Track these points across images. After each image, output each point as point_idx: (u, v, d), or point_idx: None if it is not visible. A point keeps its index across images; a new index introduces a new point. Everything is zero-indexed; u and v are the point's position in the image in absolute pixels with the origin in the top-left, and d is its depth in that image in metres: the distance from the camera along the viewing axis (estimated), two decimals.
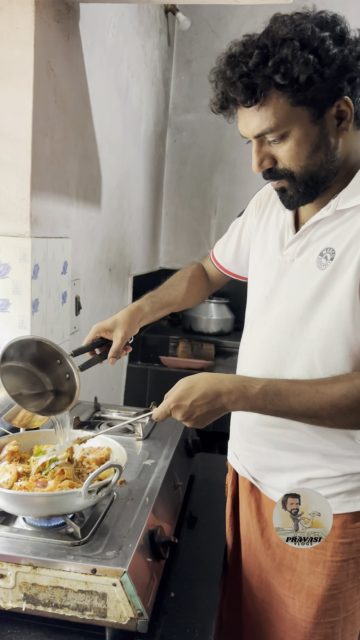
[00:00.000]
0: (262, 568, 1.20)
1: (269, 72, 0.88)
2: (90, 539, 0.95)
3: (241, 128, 0.99)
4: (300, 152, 0.95)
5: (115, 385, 2.60)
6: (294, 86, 0.88)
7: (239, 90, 0.90)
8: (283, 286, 1.09)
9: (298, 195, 1.01)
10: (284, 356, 1.07)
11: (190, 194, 3.51)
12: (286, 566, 1.15)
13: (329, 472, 1.09)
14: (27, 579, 0.89)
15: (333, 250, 1.00)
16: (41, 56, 1.40)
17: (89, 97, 1.81)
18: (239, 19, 3.26)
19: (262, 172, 1.02)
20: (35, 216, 1.45)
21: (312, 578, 1.11)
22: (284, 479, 1.13)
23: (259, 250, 1.20)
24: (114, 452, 1.10)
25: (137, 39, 2.44)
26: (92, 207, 1.97)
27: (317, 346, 1.02)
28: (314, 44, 0.87)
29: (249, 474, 1.23)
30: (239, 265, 1.36)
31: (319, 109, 0.92)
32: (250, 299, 1.22)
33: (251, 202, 1.29)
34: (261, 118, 0.93)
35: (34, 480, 0.98)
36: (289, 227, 1.11)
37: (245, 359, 1.19)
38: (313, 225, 1.04)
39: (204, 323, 3.10)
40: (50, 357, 1.14)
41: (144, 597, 0.89)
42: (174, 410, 1.00)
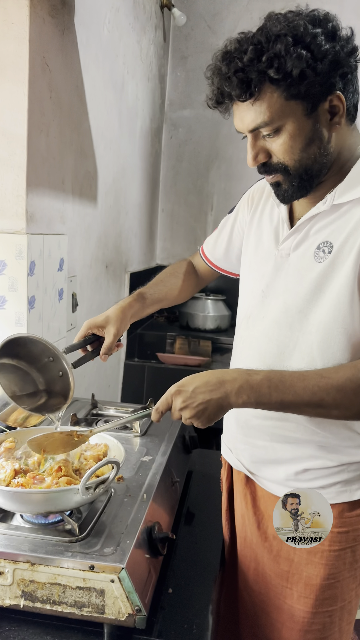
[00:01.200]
0: (259, 560, 1.21)
1: (263, 67, 0.90)
2: (88, 535, 0.94)
3: (236, 123, 1.00)
4: (294, 146, 0.96)
5: (113, 382, 2.59)
6: (288, 80, 0.90)
7: (234, 85, 0.92)
8: (280, 280, 1.10)
9: (292, 189, 1.02)
10: (283, 349, 1.08)
11: (187, 190, 3.50)
12: (283, 557, 1.16)
13: (325, 463, 1.10)
14: (25, 576, 0.89)
15: (331, 243, 1.01)
16: (36, 51, 1.40)
17: (84, 92, 1.80)
18: (234, 15, 3.25)
19: (257, 167, 1.03)
20: (31, 213, 1.45)
21: (309, 568, 1.13)
22: (281, 471, 1.14)
23: (253, 246, 1.21)
24: (111, 448, 1.10)
25: (133, 34, 2.43)
26: (88, 203, 1.96)
27: (316, 338, 1.03)
28: (306, 40, 0.89)
29: (245, 467, 1.23)
30: (229, 262, 1.38)
31: (312, 103, 0.94)
32: (244, 294, 1.23)
33: (242, 199, 1.30)
34: (256, 112, 0.95)
35: (31, 477, 0.98)
36: (284, 222, 1.12)
37: (242, 352, 1.20)
38: (309, 220, 1.05)
39: (201, 319, 3.10)
40: (43, 355, 1.13)
41: (142, 593, 0.89)
42: (175, 396, 0.98)
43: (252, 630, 1.24)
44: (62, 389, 1.13)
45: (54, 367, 1.14)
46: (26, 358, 1.13)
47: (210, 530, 1.31)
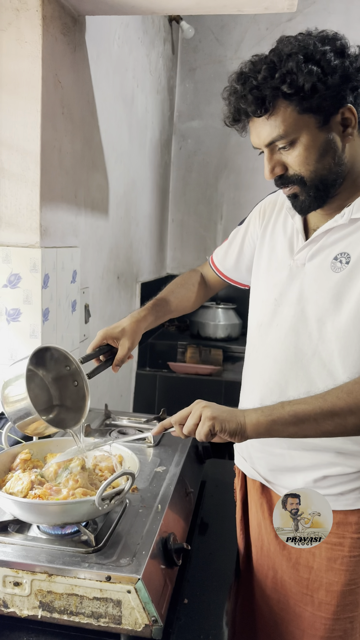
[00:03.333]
0: (277, 569, 1.21)
1: (277, 84, 0.95)
2: (104, 546, 0.95)
3: (253, 139, 1.05)
4: (309, 157, 1.00)
5: (125, 391, 2.61)
6: (300, 94, 0.95)
7: (250, 102, 0.98)
8: (294, 289, 1.13)
9: (309, 200, 1.05)
10: (301, 357, 1.10)
11: (196, 200, 3.53)
12: (303, 565, 1.16)
13: (344, 470, 1.11)
14: (42, 587, 0.90)
15: (348, 254, 1.05)
16: (48, 69, 1.43)
17: (95, 107, 1.83)
18: (242, 27, 3.29)
19: (274, 180, 1.07)
20: (45, 227, 1.47)
21: (330, 574, 1.13)
22: (299, 479, 1.15)
23: (266, 257, 1.23)
24: (125, 459, 1.11)
25: (142, 48, 2.47)
26: (100, 216, 1.98)
27: (337, 346, 1.05)
28: (316, 57, 0.94)
29: (261, 476, 1.24)
30: (239, 272, 1.40)
31: (324, 116, 0.98)
32: (255, 303, 1.25)
33: (253, 211, 1.33)
34: (271, 127, 0.99)
35: (48, 488, 0.99)
36: (299, 233, 1.15)
37: (256, 360, 1.21)
38: (325, 232, 1.08)
39: (212, 328, 3.11)
40: (60, 365, 1.15)
41: (158, 603, 0.89)
42: (199, 402, 1.00)
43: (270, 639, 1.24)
44: (76, 402, 1.15)
45: (70, 377, 1.15)
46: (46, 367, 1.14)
47: (225, 541, 1.31)
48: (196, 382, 2.72)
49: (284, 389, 1.13)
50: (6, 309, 1.45)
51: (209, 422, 0.95)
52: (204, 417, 0.96)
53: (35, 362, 1.11)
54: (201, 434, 0.96)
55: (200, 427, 0.96)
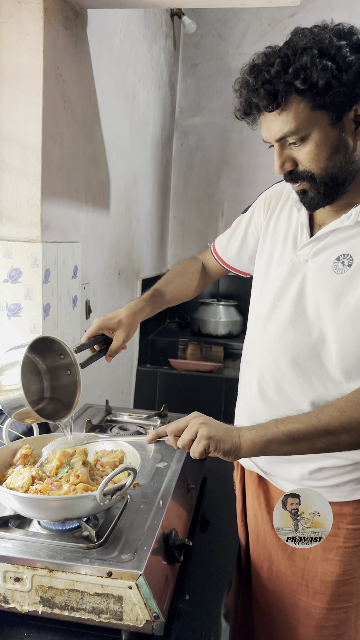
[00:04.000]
0: (272, 559, 1.22)
1: (290, 79, 0.93)
2: (105, 542, 0.95)
3: (263, 133, 1.03)
4: (320, 154, 0.99)
5: (125, 388, 2.60)
6: (313, 91, 0.93)
7: (262, 96, 0.95)
8: (295, 284, 1.12)
9: (319, 197, 1.04)
10: (298, 352, 1.10)
11: (198, 197, 3.52)
12: (298, 555, 1.17)
13: (339, 462, 1.11)
14: (43, 582, 0.89)
15: (351, 257, 1.04)
16: (50, 62, 1.42)
17: (97, 102, 1.82)
18: (244, 22, 3.27)
19: (283, 175, 1.05)
20: (45, 221, 1.46)
21: (325, 565, 1.14)
22: (295, 470, 1.15)
23: (269, 249, 1.22)
24: (127, 455, 1.11)
25: (144, 43, 2.45)
26: (101, 211, 1.98)
27: (335, 347, 1.05)
28: (331, 52, 0.92)
29: (258, 467, 1.24)
30: (241, 261, 1.39)
31: (337, 113, 0.96)
32: (255, 296, 1.25)
33: (258, 200, 1.31)
34: (282, 122, 0.97)
35: (49, 483, 0.98)
36: (304, 227, 1.14)
37: (253, 353, 1.21)
38: (331, 232, 1.08)
39: (213, 325, 3.10)
40: (55, 354, 1.13)
41: (159, 599, 0.89)
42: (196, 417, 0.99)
43: (266, 629, 1.24)
44: (68, 394, 1.13)
45: (63, 368, 1.14)
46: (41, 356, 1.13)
47: (226, 537, 1.31)
48: (197, 379, 2.71)
49: (280, 383, 1.13)
50: (7, 304, 1.44)
51: (204, 441, 0.94)
52: (200, 435, 0.94)
53: (31, 350, 1.09)
54: (195, 452, 0.94)
55: (195, 446, 0.94)
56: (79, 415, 1.57)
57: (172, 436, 0.99)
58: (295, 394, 1.10)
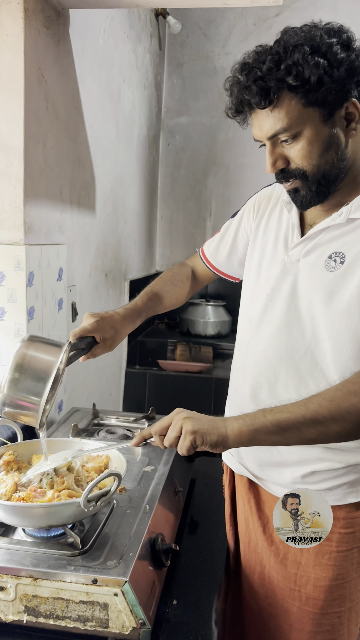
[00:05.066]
0: (264, 564, 1.21)
1: (282, 75, 0.93)
2: (91, 548, 0.94)
3: (255, 131, 1.03)
4: (312, 151, 0.99)
5: (114, 390, 2.59)
6: (306, 87, 0.93)
7: (254, 93, 0.95)
8: (287, 284, 1.12)
9: (311, 195, 1.04)
10: (292, 353, 1.09)
11: (185, 197, 3.51)
12: (290, 560, 1.16)
13: (332, 465, 1.10)
14: (27, 591, 0.88)
15: (343, 254, 1.03)
16: (31, 63, 1.40)
17: (80, 102, 1.80)
18: (229, 22, 3.27)
19: (275, 174, 1.05)
20: (29, 223, 1.44)
21: (317, 570, 1.13)
22: (287, 474, 1.14)
23: (259, 251, 1.22)
24: (112, 460, 1.10)
25: (128, 43, 2.44)
26: (87, 212, 1.96)
27: (329, 345, 1.05)
28: (323, 49, 0.93)
29: (249, 471, 1.23)
30: (230, 265, 1.38)
31: (329, 109, 0.97)
32: (247, 297, 1.24)
33: (247, 204, 1.30)
34: (274, 119, 0.97)
35: (32, 490, 0.97)
36: (295, 228, 1.13)
37: (246, 355, 1.20)
38: (322, 230, 1.07)
39: (202, 325, 3.10)
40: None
41: (145, 606, 0.88)
42: (179, 412, 0.97)
43: (259, 635, 1.23)
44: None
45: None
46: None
47: (215, 539, 1.30)
48: (186, 380, 2.71)
49: (274, 385, 1.12)
50: None
51: (190, 436, 0.92)
52: (185, 431, 0.93)
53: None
54: (183, 448, 0.93)
55: (182, 442, 0.93)
56: (65, 419, 1.56)
57: (158, 436, 0.97)
58: (289, 396, 1.09)
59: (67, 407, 1.77)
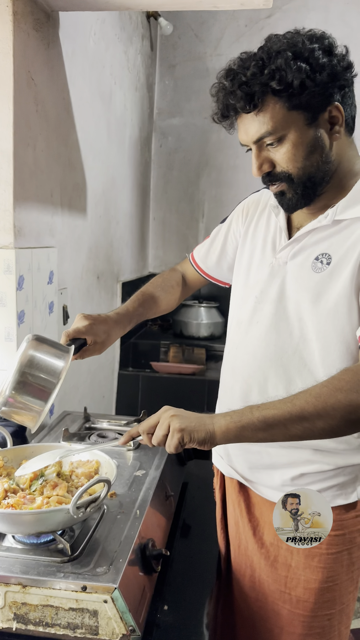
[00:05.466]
0: (255, 567, 1.21)
1: (266, 80, 0.96)
2: (81, 555, 0.93)
3: (241, 136, 1.05)
4: (297, 154, 1.01)
5: (107, 392, 2.58)
6: (289, 91, 0.96)
7: (239, 98, 0.98)
8: (275, 287, 1.13)
9: (297, 198, 1.06)
10: (281, 354, 1.10)
11: (178, 198, 3.50)
12: (281, 563, 1.16)
13: (321, 467, 1.10)
14: (16, 599, 0.87)
15: (329, 255, 1.05)
16: (21, 66, 1.39)
17: (71, 105, 1.80)
18: (221, 23, 3.27)
19: (261, 177, 1.07)
20: (19, 227, 1.44)
21: (307, 572, 1.13)
22: (276, 476, 1.15)
23: (248, 255, 1.23)
24: (103, 465, 1.09)
25: (119, 44, 2.43)
26: (78, 215, 1.95)
27: (317, 345, 1.06)
28: (305, 54, 0.96)
29: (238, 474, 1.23)
30: (220, 270, 1.39)
31: (312, 113, 0.99)
32: (236, 300, 1.25)
33: (236, 210, 1.32)
34: (259, 123, 1.00)
35: (22, 497, 0.97)
36: (282, 231, 1.15)
37: (235, 357, 1.20)
38: (309, 232, 1.08)
39: (195, 327, 3.10)
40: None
41: (136, 612, 0.88)
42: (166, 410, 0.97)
43: (250, 638, 1.23)
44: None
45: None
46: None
47: (207, 543, 1.30)
48: (179, 382, 2.70)
49: (263, 386, 1.13)
50: None
51: (177, 434, 0.92)
52: (172, 429, 0.93)
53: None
54: (171, 447, 0.93)
55: (170, 440, 0.93)
56: (56, 423, 1.55)
57: (146, 435, 0.97)
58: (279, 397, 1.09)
59: (58, 410, 1.76)
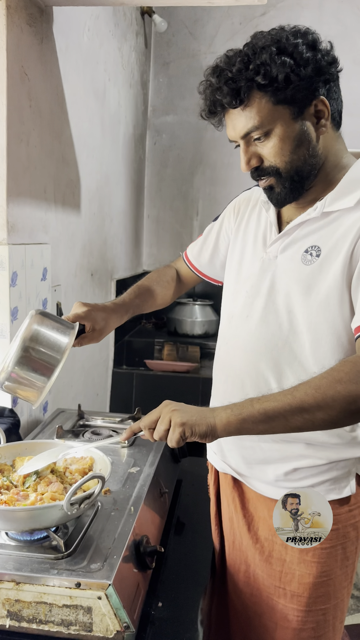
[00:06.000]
0: (249, 563, 1.21)
1: (251, 75, 0.97)
2: (74, 551, 0.93)
3: (229, 132, 1.07)
4: (284, 148, 1.02)
5: (101, 390, 2.57)
6: (274, 85, 0.97)
7: (225, 94, 1.00)
8: (265, 281, 1.13)
9: (285, 192, 1.07)
10: (271, 347, 1.11)
11: (172, 196, 3.50)
12: (275, 558, 1.16)
13: (314, 462, 1.11)
14: (10, 596, 0.87)
15: (319, 247, 1.06)
16: (14, 61, 1.38)
17: (65, 100, 1.79)
18: (215, 20, 3.26)
19: (250, 172, 1.08)
20: (12, 223, 1.43)
21: (302, 567, 1.14)
22: (270, 471, 1.15)
23: (239, 251, 1.24)
24: (97, 461, 1.09)
25: (114, 41, 2.42)
26: (72, 211, 1.94)
27: (307, 337, 1.06)
28: (289, 49, 0.97)
29: (232, 469, 1.23)
30: (213, 268, 1.40)
31: (298, 107, 1.00)
32: (227, 296, 1.26)
33: (228, 208, 1.33)
34: (246, 118, 1.01)
35: (15, 493, 0.96)
36: (272, 226, 1.16)
37: (227, 353, 1.21)
38: (298, 225, 1.09)
39: (189, 325, 3.09)
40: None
41: (130, 609, 0.87)
42: (167, 404, 0.97)
43: (244, 634, 1.23)
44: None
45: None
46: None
47: (201, 539, 1.30)
48: (174, 380, 2.70)
49: (255, 380, 1.13)
50: None
51: (179, 428, 0.92)
52: (174, 423, 0.93)
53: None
54: (172, 441, 0.93)
55: (171, 435, 0.93)
56: (50, 420, 1.54)
57: (147, 430, 0.97)
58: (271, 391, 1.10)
59: (52, 408, 1.75)
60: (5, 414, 1.40)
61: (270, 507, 1.14)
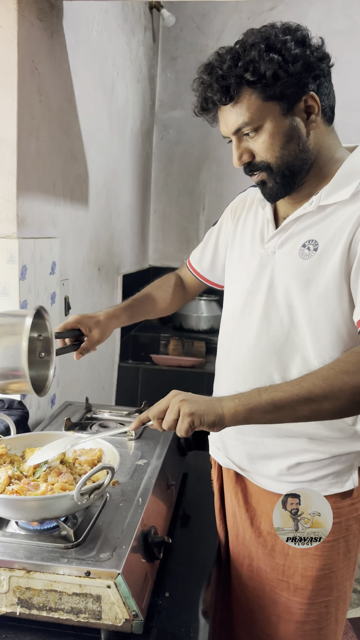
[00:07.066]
0: (253, 556, 1.22)
1: (240, 72, 0.99)
2: (84, 541, 0.94)
3: (222, 128, 1.08)
4: (275, 143, 1.03)
5: (107, 384, 2.59)
6: (263, 82, 0.99)
7: (215, 91, 1.02)
8: (265, 277, 1.14)
9: (277, 186, 1.08)
10: (273, 343, 1.12)
11: (178, 191, 3.50)
12: (278, 551, 1.17)
13: (317, 456, 1.12)
14: (20, 583, 0.88)
15: (316, 241, 1.07)
16: (25, 55, 1.39)
17: (74, 95, 1.79)
18: (223, 15, 3.25)
19: (243, 167, 1.10)
20: (22, 217, 1.44)
21: (305, 560, 1.15)
22: (272, 466, 1.16)
23: (238, 250, 1.25)
24: (105, 453, 1.10)
25: (122, 36, 2.43)
26: (80, 206, 1.95)
27: (308, 331, 1.07)
28: (277, 46, 0.99)
29: (235, 464, 1.24)
30: (215, 272, 1.42)
31: (288, 103, 1.01)
32: (228, 294, 1.27)
33: (226, 211, 1.35)
34: (237, 114, 1.03)
35: (26, 483, 0.97)
36: (269, 222, 1.17)
37: (229, 350, 1.22)
38: (295, 220, 1.10)
39: (195, 320, 3.10)
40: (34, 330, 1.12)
41: (138, 598, 0.89)
42: (175, 395, 0.98)
43: (247, 627, 1.25)
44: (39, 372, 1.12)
45: (38, 348, 1.14)
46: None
47: (207, 532, 1.31)
48: (179, 374, 2.71)
49: (258, 376, 1.14)
50: None
51: (188, 418, 0.94)
52: (183, 413, 0.94)
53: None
54: (182, 430, 0.94)
55: (180, 424, 0.94)
56: (57, 413, 1.56)
57: (156, 420, 0.99)
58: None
59: (59, 401, 1.77)
60: (15, 406, 1.42)
61: (273, 501, 1.15)
